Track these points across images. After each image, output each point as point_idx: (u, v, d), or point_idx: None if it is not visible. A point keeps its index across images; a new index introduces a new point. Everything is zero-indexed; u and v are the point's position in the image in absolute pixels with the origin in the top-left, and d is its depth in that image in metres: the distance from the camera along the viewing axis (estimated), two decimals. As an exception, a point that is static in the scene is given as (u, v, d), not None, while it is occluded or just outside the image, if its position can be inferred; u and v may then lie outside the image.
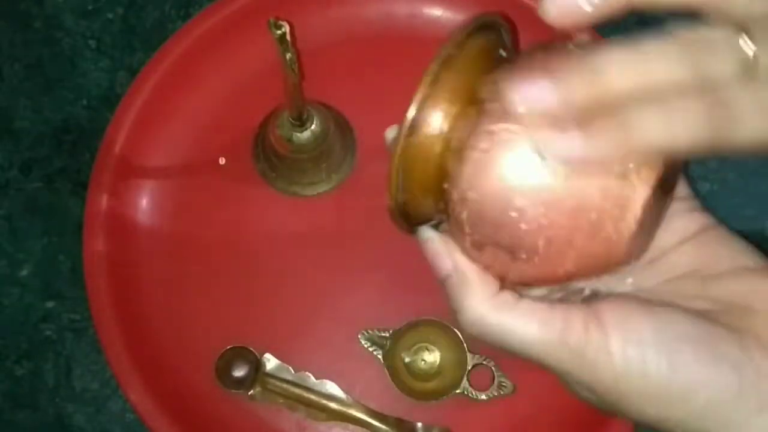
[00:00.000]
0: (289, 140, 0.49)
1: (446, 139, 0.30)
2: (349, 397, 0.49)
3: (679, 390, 0.26)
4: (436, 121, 0.31)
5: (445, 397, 0.49)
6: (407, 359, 0.50)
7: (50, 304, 0.52)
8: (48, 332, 0.51)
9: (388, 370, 0.50)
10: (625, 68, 0.25)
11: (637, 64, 0.25)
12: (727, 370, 0.26)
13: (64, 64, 0.56)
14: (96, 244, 0.50)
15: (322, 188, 0.53)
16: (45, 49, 0.56)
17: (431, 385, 0.50)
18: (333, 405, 0.49)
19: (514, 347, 0.28)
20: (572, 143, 0.25)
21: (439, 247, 0.31)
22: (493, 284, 0.29)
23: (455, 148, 0.29)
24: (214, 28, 0.54)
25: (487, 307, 0.29)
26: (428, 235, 0.32)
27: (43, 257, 0.52)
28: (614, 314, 0.27)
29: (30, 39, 0.56)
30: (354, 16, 0.56)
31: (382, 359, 0.50)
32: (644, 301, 0.29)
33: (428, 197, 0.31)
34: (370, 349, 0.50)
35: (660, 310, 0.28)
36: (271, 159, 0.52)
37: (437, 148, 0.30)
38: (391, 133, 0.32)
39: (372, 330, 0.50)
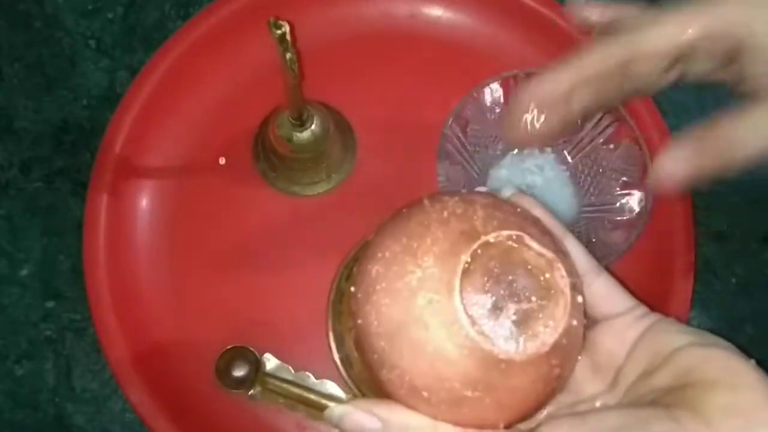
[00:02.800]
0: (289, 140, 0.49)
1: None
2: (348, 397, 0.49)
3: None
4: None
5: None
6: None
7: (50, 304, 0.52)
8: (48, 332, 0.51)
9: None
10: (753, 135, 0.30)
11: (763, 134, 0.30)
12: None
13: (64, 64, 0.56)
14: (96, 244, 0.50)
15: (322, 188, 0.53)
16: (45, 49, 0.56)
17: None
18: (333, 405, 0.49)
19: None
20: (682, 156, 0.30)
21: (354, 413, 0.29)
22: (428, 420, 0.29)
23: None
24: (214, 28, 0.54)
25: None
26: (339, 411, 0.30)
27: (43, 257, 0.52)
28: (551, 428, 0.28)
29: (30, 39, 0.56)
30: (354, 16, 0.56)
31: (382, 359, 0.50)
32: (579, 413, 0.30)
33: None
34: (370, 349, 0.50)
35: (590, 415, 0.29)
36: (271, 159, 0.52)
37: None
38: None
39: (372, 330, 0.50)
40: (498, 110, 0.50)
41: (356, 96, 0.54)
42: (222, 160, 0.54)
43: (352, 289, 0.30)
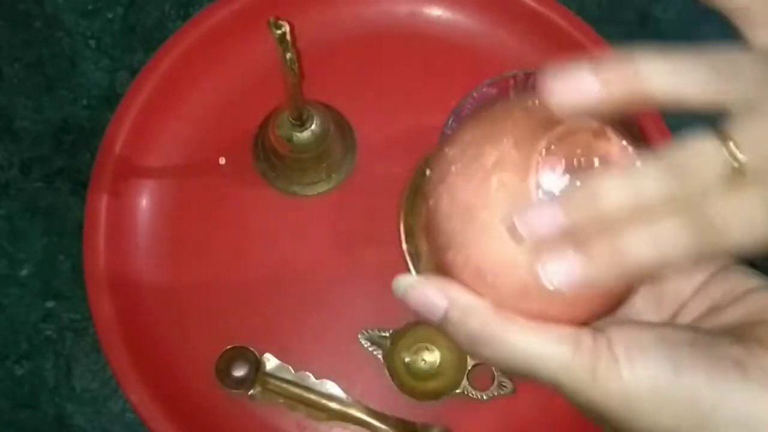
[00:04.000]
0: (289, 140, 0.49)
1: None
2: (349, 397, 0.49)
3: (685, 393, 0.26)
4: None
5: (445, 397, 0.49)
6: (407, 359, 0.50)
7: (50, 304, 0.52)
8: (48, 332, 0.51)
9: (388, 370, 0.50)
10: (620, 191, 0.26)
11: (630, 186, 0.26)
12: (730, 370, 0.26)
13: (64, 64, 0.56)
14: (96, 244, 0.50)
15: (322, 188, 0.53)
16: (45, 49, 0.56)
17: (431, 385, 0.50)
18: (333, 405, 0.49)
19: (531, 365, 0.28)
20: (571, 268, 0.26)
21: (424, 286, 0.29)
22: (493, 303, 0.28)
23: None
24: (214, 28, 0.54)
25: (500, 327, 0.28)
26: (405, 282, 0.29)
27: (43, 257, 0.52)
28: (618, 331, 0.28)
29: (30, 39, 0.56)
30: (354, 16, 0.56)
31: (382, 359, 0.50)
32: (646, 321, 0.30)
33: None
34: (370, 349, 0.50)
35: (661, 325, 0.29)
36: (271, 159, 0.52)
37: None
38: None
39: (372, 330, 0.50)
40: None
41: (356, 96, 0.54)
42: (222, 160, 0.54)
43: (428, 171, 0.29)
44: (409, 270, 0.35)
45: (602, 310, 0.29)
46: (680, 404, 0.26)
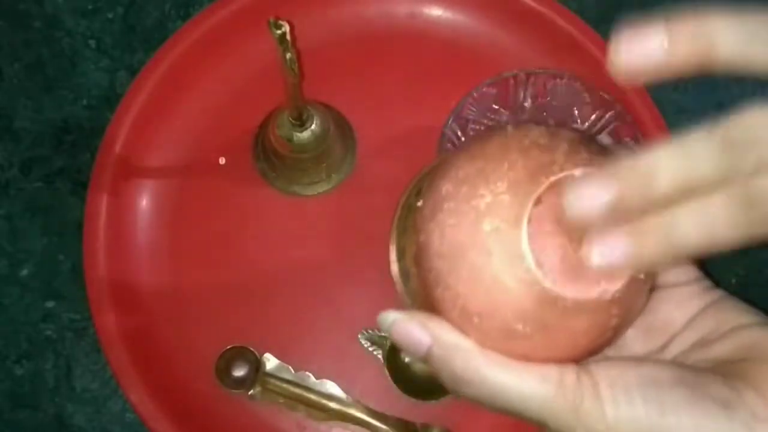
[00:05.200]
0: (289, 140, 0.49)
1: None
2: (349, 397, 0.49)
3: None
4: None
5: (445, 397, 0.49)
6: (407, 359, 0.50)
7: (50, 304, 0.52)
8: (48, 332, 0.51)
9: (388, 370, 0.50)
10: (674, 171, 0.24)
11: (685, 165, 0.24)
12: (716, 410, 0.26)
13: (64, 64, 0.56)
14: (96, 244, 0.50)
15: (322, 188, 0.53)
16: (45, 49, 0.56)
17: (431, 385, 0.50)
18: (333, 405, 0.49)
19: (515, 404, 0.28)
20: (621, 247, 0.25)
21: (408, 323, 0.29)
22: (477, 343, 0.28)
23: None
24: (214, 28, 0.54)
25: (482, 365, 0.28)
26: (392, 317, 0.29)
27: (43, 257, 0.52)
28: (602, 368, 0.28)
29: (30, 39, 0.56)
30: (354, 16, 0.56)
31: (382, 359, 0.50)
32: (631, 358, 0.29)
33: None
34: (370, 349, 0.50)
35: (646, 362, 0.28)
36: (271, 159, 0.52)
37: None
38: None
39: (372, 330, 0.50)
40: (498, 110, 0.50)
41: (356, 96, 0.54)
42: (222, 160, 0.54)
43: (420, 203, 0.30)
44: (398, 290, 0.35)
45: (587, 352, 0.29)
46: None
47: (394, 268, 0.36)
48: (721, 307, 0.31)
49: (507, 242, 0.26)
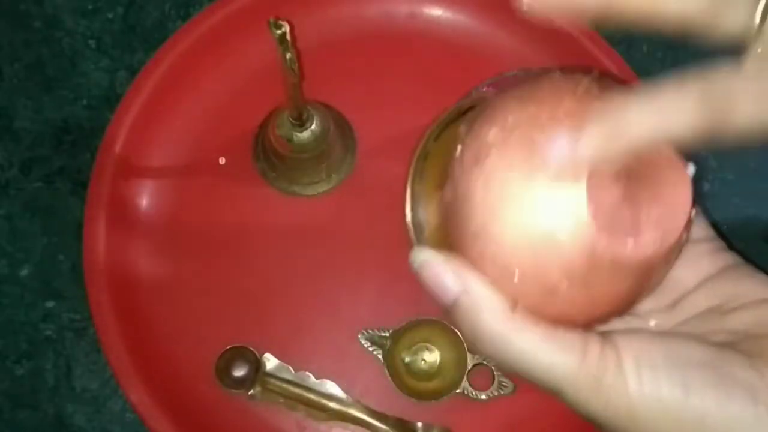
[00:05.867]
0: (289, 140, 0.49)
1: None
2: (349, 397, 0.49)
3: (693, 415, 0.26)
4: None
5: (445, 397, 0.49)
6: (407, 359, 0.50)
7: (50, 304, 0.52)
8: (48, 332, 0.51)
9: (388, 370, 0.50)
10: (645, 121, 0.25)
11: (656, 117, 0.25)
12: (740, 393, 0.26)
13: (64, 64, 0.56)
14: (96, 244, 0.50)
15: (322, 188, 0.53)
16: (45, 49, 0.56)
17: (431, 385, 0.50)
18: (333, 405, 0.49)
19: (534, 372, 0.27)
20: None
21: (442, 266, 0.27)
22: (508, 302, 0.27)
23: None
24: (214, 28, 0.54)
25: (508, 324, 0.27)
26: (424, 256, 0.28)
27: (43, 257, 0.52)
28: (627, 341, 0.27)
29: (30, 39, 0.56)
30: (354, 16, 0.56)
31: (382, 359, 0.50)
32: (656, 332, 0.29)
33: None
34: (370, 349, 0.50)
35: (671, 338, 0.28)
36: (271, 159, 0.52)
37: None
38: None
39: (372, 330, 0.50)
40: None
41: (356, 96, 0.54)
42: (222, 160, 0.54)
43: (459, 149, 0.27)
44: (412, 242, 0.33)
45: (618, 312, 0.28)
46: (688, 425, 0.26)
47: (407, 219, 0.33)
48: (740, 274, 0.31)
49: (563, 196, 0.25)
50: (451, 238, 0.28)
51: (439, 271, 0.28)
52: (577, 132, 0.25)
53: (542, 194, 0.25)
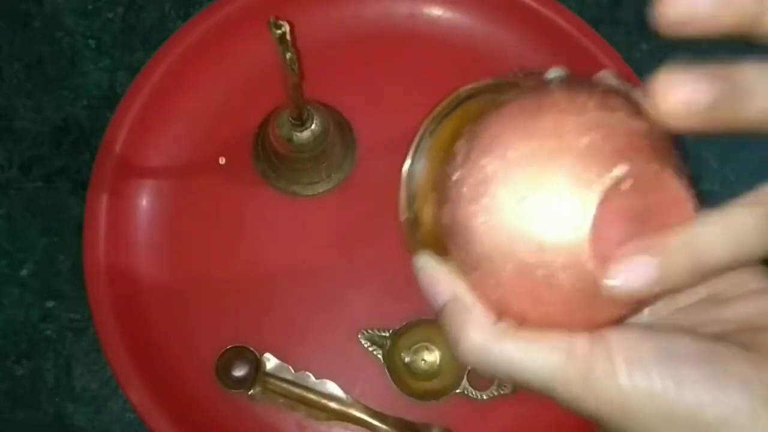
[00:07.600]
0: (289, 140, 0.49)
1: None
2: (349, 396, 0.49)
3: (686, 410, 0.26)
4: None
5: (445, 397, 0.49)
6: (407, 359, 0.50)
7: (50, 304, 0.52)
8: (48, 332, 0.51)
9: (388, 370, 0.50)
10: (723, 244, 0.25)
11: (734, 241, 0.25)
12: (734, 386, 0.25)
13: (64, 64, 0.56)
14: (96, 244, 0.50)
15: (322, 188, 0.53)
16: (45, 49, 0.56)
17: (431, 385, 0.50)
18: (333, 405, 0.49)
19: (519, 376, 0.27)
20: (641, 269, 0.25)
21: (436, 272, 0.29)
22: (492, 313, 0.28)
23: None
24: (214, 28, 0.54)
25: (489, 335, 0.27)
26: (424, 260, 0.29)
27: (43, 257, 0.52)
28: (617, 336, 0.27)
29: (30, 39, 0.56)
30: (354, 16, 0.56)
31: (382, 359, 0.50)
32: (646, 326, 0.29)
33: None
34: (370, 349, 0.50)
35: (663, 332, 0.28)
36: (271, 159, 0.52)
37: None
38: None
39: (372, 330, 0.50)
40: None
41: (356, 96, 0.54)
42: (222, 160, 0.54)
43: (457, 174, 0.27)
44: (406, 238, 0.33)
45: (614, 322, 0.28)
46: (681, 420, 0.26)
47: (403, 215, 0.33)
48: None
49: (565, 240, 0.25)
50: (454, 257, 0.29)
51: (435, 275, 0.29)
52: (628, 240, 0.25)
53: (543, 236, 0.25)
